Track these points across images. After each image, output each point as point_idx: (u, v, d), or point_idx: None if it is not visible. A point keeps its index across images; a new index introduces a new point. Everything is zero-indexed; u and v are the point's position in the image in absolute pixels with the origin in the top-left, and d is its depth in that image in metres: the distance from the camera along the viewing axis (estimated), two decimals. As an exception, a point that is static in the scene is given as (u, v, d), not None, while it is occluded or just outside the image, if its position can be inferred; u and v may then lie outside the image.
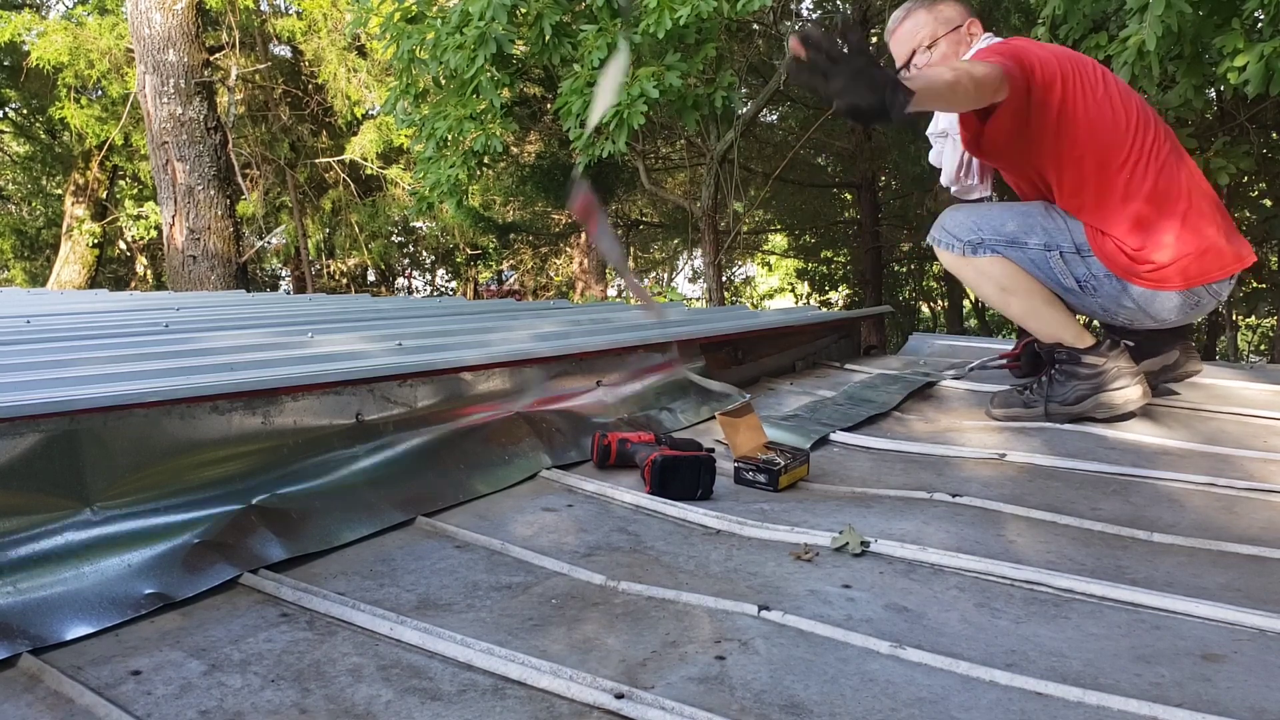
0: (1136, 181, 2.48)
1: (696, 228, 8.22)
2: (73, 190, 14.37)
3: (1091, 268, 2.57)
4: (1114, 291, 2.58)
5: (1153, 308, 2.58)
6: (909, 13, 2.82)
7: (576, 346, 2.58)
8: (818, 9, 11.63)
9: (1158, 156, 2.49)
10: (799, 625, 1.36)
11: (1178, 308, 2.57)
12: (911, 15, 2.81)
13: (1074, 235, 2.58)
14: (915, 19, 2.80)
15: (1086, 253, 2.56)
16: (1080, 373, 2.64)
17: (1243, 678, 1.21)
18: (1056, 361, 2.69)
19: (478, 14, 5.35)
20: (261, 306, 4.20)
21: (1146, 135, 2.49)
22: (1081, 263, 2.58)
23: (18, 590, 1.30)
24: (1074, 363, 2.65)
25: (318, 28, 11.44)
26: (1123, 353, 2.64)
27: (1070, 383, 2.65)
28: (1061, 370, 2.68)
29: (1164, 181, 2.48)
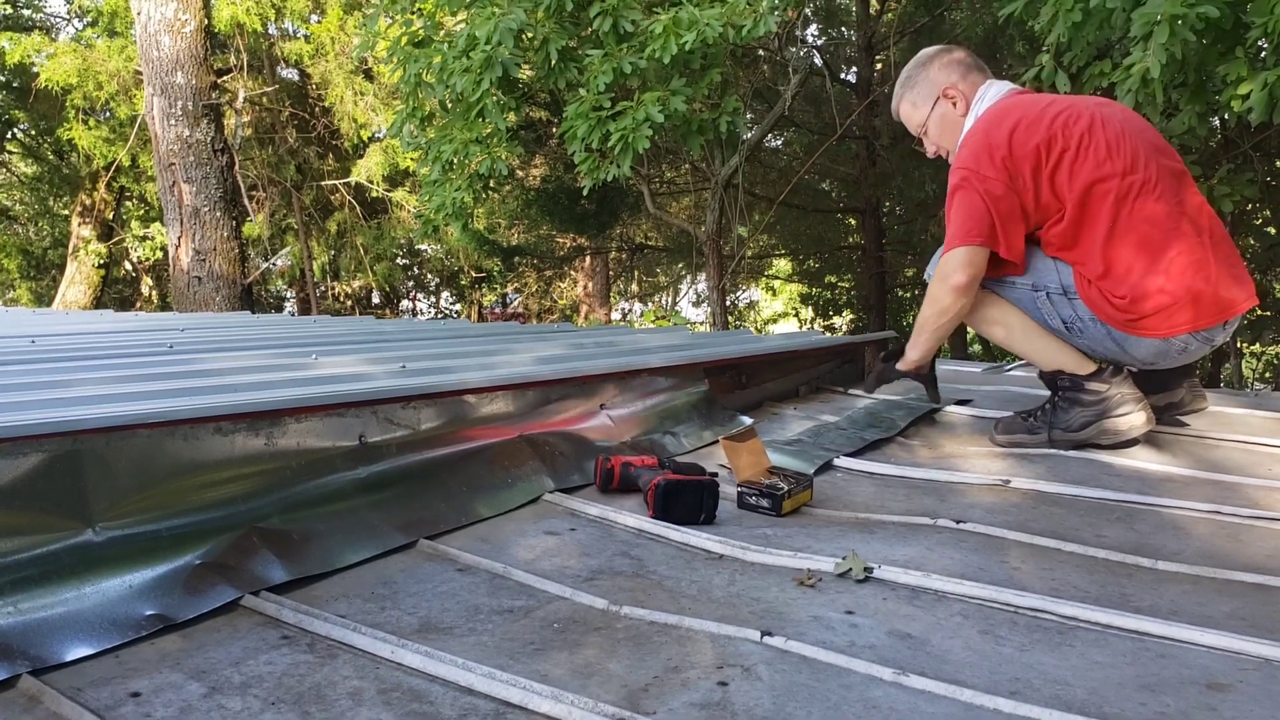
0: (1121, 229, 2.48)
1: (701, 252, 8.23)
2: (79, 211, 14.45)
3: (1077, 310, 2.59)
4: (1100, 335, 2.59)
5: (1138, 352, 2.59)
6: (898, 102, 2.91)
7: (580, 370, 2.58)
8: (822, 36, 11.70)
9: (1148, 198, 2.48)
10: (802, 651, 1.35)
11: (1163, 354, 2.59)
12: (900, 105, 2.90)
13: (1061, 277, 2.60)
14: (902, 110, 2.90)
15: (1073, 295, 2.58)
16: (1083, 399, 2.64)
17: (1248, 707, 1.21)
18: (1059, 389, 2.69)
19: (484, 38, 5.38)
20: (266, 328, 4.21)
21: (1135, 177, 2.48)
22: (1068, 304, 2.60)
23: (18, 610, 1.30)
24: (1077, 389, 2.65)
25: (325, 51, 11.52)
26: (1126, 379, 2.63)
27: (1074, 409, 2.65)
28: (1064, 397, 2.67)
29: (1152, 227, 2.48)
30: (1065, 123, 2.52)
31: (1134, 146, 2.53)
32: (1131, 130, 2.56)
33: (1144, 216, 2.49)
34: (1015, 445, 2.71)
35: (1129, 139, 2.54)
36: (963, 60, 2.80)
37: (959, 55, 2.82)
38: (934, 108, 2.80)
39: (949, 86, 2.77)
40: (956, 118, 2.76)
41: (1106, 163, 2.48)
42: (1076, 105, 2.58)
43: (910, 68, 2.86)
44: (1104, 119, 2.55)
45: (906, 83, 2.86)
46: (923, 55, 2.87)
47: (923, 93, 2.82)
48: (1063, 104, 2.59)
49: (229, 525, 1.60)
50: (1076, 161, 2.49)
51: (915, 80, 2.83)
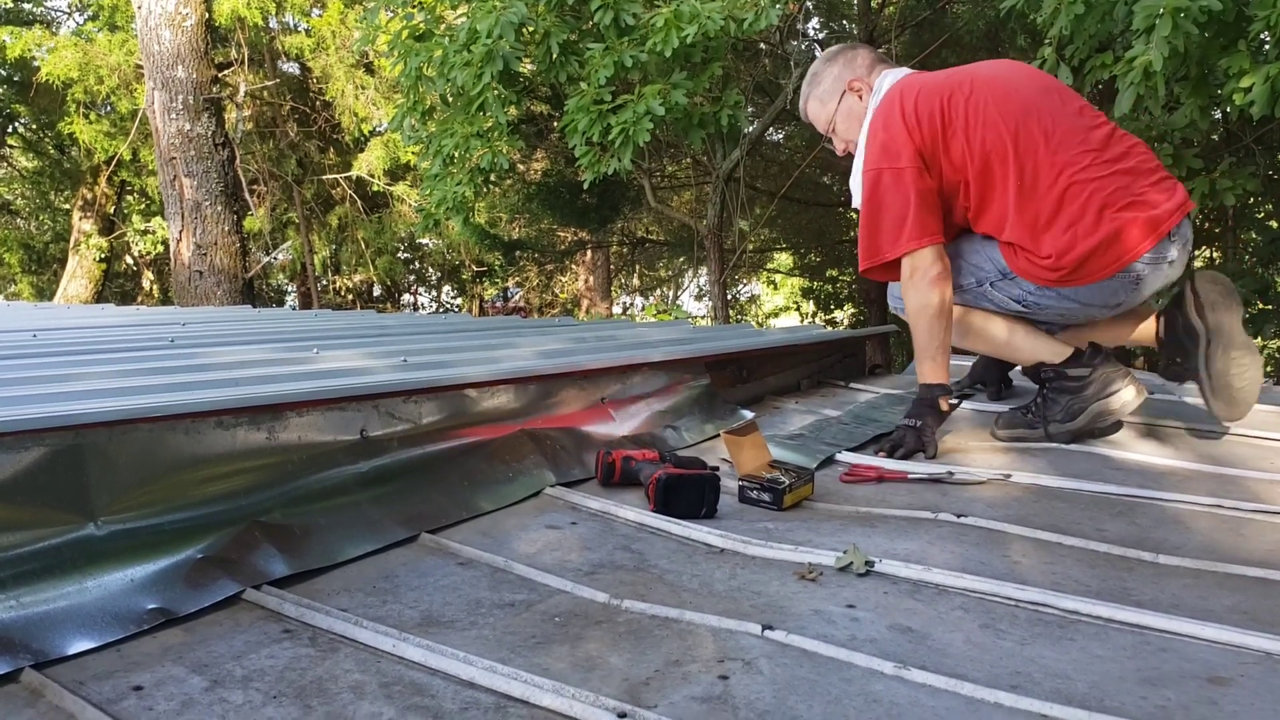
0: (1026, 188, 2.47)
1: (702, 246, 8.23)
2: (80, 205, 14.44)
3: (1022, 286, 2.58)
4: (1053, 300, 2.57)
5: (1097, 299, 2.56)
6: (805, 100, 2.88)
7: (581, 364, 2.58)
8: (824, 29, 11.67)
9: (1045, 149, 2.45)
10: (803, 645, 1.35)
11: (1118, 291, 2.53)
12: (807, 105, 2.88)
13: (995, 262, 2.60)
14: (810, 109, 2.87)
15: (1010, 274, 2.58)
16: (1069, 387, 2.63)
17: (1249, 701, 1.21)
18: (1044, 381, 2.68)
19: (485, 32, 5.38)
20: (267, 322, 4.21)
21: (1030, 131, 2.46)
22: (1013, 284, 2.59)
23: (21, 604, 1.30)
24: (1061, 379, 2.64)
25: (326, 45, 11.50)
26: (1107, 358, 2.62)
27: (1062, 399, 2.63)
28: (1051, 389, 2.67)
29: (1056, 176, 2.44)
30: (950, 94, 2.52)
31: (1024, 99, 2.51)
32: (1018, 80, 2.57)
33: (1046, 168, 2.45)
34: (1016, 440, 2.71)
35: (1017, 94, 2.52)
36: (866, 56, 2.80)
37: (863, 51, 2.83)
38: (840, 102, 2.79)
39: (854, 79, 2.76)
40: (862, 110, 2.74)
41: (999, 123, 2.47)
42: (958, 74, 2.59)
43: (815, 65, 2.85)
44: (987, 79, 2.55)
45: (812, 80, 2.85)
46: (827, 53, 2.86)
47: (828, 88, 2.81)
48: (945, 76, 2.60)
49: (231, 519, 1.61)
50: (969, 128, 2.48)
51: (820, 77, 2.82)
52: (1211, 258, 9.78)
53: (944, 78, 2.59)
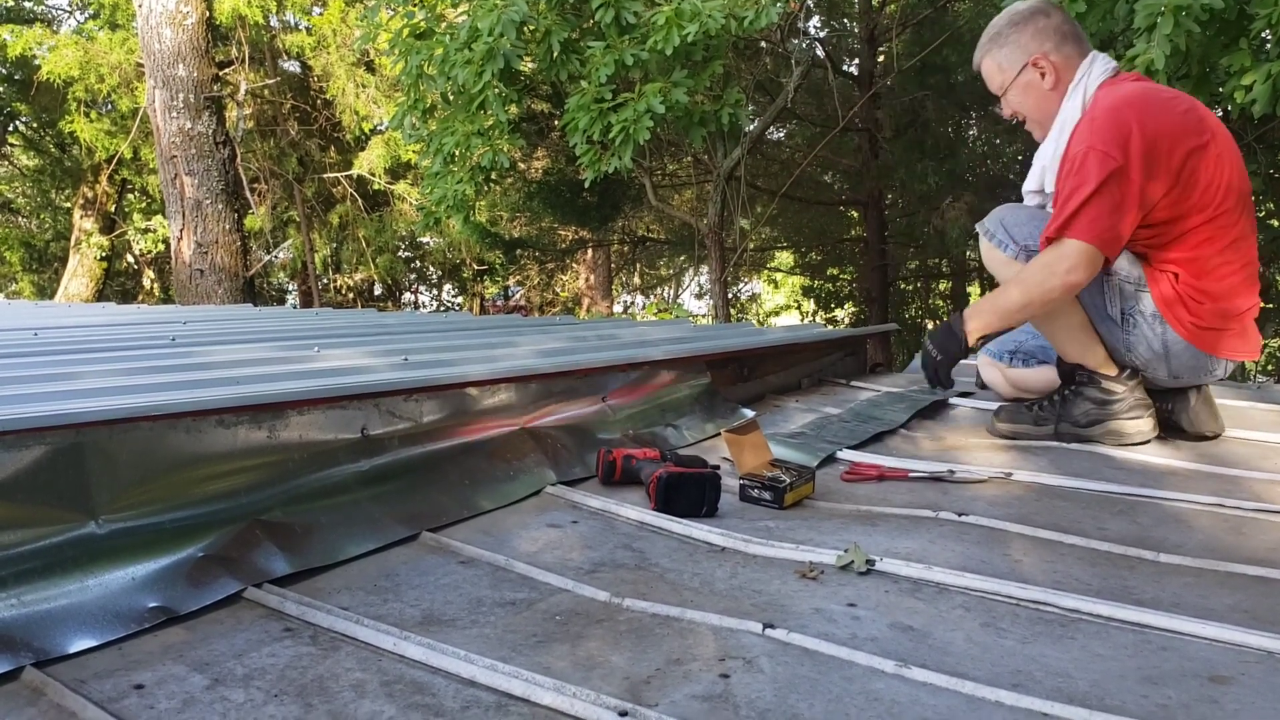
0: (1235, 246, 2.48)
1: (703, 244, 8.23)
2: (81, 204, 14.45)
3: (1142, 303, 2.54)
4: (1151, 334, 2.55)
5: (1175, 357, 2.57)
6: (981, 55, 2.71)
7: (582, 362, 2.58)
8: (825, 27, 11.67)
9: (1246, 223, 2.50)
10: (804, 644, 1.35)
11: (1197, 370, 2.60)
12: (983, 61, 2.70)
13: (1133, 269, 2.55)
14: (985, 66, 2.70)
15: (1142, 287, 2.54)
16: (1097, 396, 2.62)
17: (1250, 700, 1.21)
18: (1075, 382, 2.67)
19: (486, 30, 5.38)
20: (268, 321, 4.22)
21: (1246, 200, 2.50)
22: (1133, 295, 2.55)
23: (21, 603, 1.30)
24: (1093, 385, 2.63)
25: (327, 43, 11.50)
26: (1140, 384, 2.63)
27: (1084, 405, 2.63)
28: (1077, 391, 2.65)
29: (1244, 251, 2.50)
30: (1199, 119, 2.45)
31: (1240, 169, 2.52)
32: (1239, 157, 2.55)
33: (1249, 242, 2.52)
34: (1018, 435, 2.70)
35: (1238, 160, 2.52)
36: (1059, 28, 2.59)
37: (1056, 21, 2.60)
38: (1019, 75, 2.61)
39: (1040, 56, 2.57)
40: (1044, 91, 2.59)
41: (1235, 174, 2.46)
42: (1201, 108, 2.51)
43: (1002, 24, 2.64)
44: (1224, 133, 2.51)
45: (996, 40, 2.65)
46: (1017, 12, 2.64)
47: (1011, 55, 2.61)
48: (1190, 102, 2.51)
49: (232, 517, 1.61)
50: (1218, 163, 2.43)
51: (1005, 39, 2.62)
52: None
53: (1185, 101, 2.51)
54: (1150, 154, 2.35)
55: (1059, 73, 2.57)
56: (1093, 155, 2.37)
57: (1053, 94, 2.58)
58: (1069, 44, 2.58)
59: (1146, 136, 2.35)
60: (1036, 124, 2.66)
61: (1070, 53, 2.57)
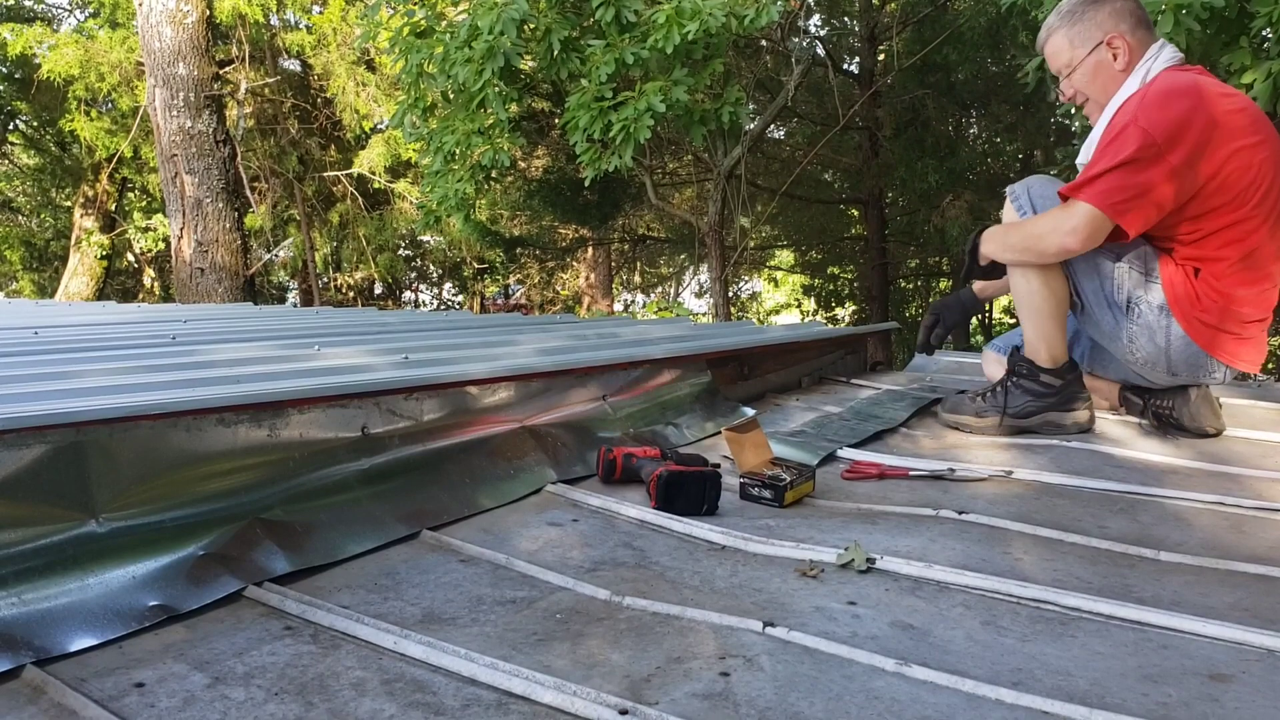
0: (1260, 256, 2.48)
1: (703, 243, 8.23)
2: (82, 202, 14.45)
3: (1150, 293, 2.55)
4: (1155, 326, 2.56)
5: (1175, 352, 2.58)
6: (1050, 32, 2.66)
7: (583, 361, 2.58)
8: (825, 26, 11.67)
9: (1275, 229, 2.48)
10: (804, 642, 1.35)
11: (1196, 369, 2.61)
12: (1052, 36, 2.66)
13: (1148, 259, 2.55)
14: (1054, 42, 2.65)
15: (1154, 278, 2.54)
16: (1034, 389, 2.70)
17: (1251, 698, 1.21)
18: (1015, 374, 2.72)
19: (486, 28, 5.38)
20: (268, 319, 4.21)
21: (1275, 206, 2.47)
22: (1143, 284, 2.55)
23: (22, 601, 1.30)
24: (1032, 379, 2.69)
25: (327, 42, 11.50)
26: (1079, 377, 2.71)
27: (1024, 397, 2.70)
28: (1018, 384, 2.72)
29: (1269, 259, 2.49)
30: (1252, 120, 2.43)
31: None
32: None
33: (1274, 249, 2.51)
34: (960, 426, 2.75)
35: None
36: (1134, 10, 2.57)
37: (1132, 4, 2.58)
38: (1092, 53, 2.57)
39: (1115, 35, 2.54)
40: (1115, 72, 2.55)
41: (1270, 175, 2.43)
42: (1255, 109, 2.49)
43: (1077, 2, 2.61)
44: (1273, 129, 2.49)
45: (1070, 17, 2.61)
46: None
47: (1086, 32, 2.57)
48: (1245, 100, 2.48)
49: (232, 516, 1.61)
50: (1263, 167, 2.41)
51: (1081, 16, 2.58)
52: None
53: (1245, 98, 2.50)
54: (1195, 144, 2.35)
55: (1131, 54, 2.54)
56: (1133, 129, 2.37)
57: (1121, 75, 2.55)
58: (1143, 28, 2.57)
59: (1195, 126, 2.35)
60: (1098, 106, 2.61)
61: (1144, 36, 2.56)
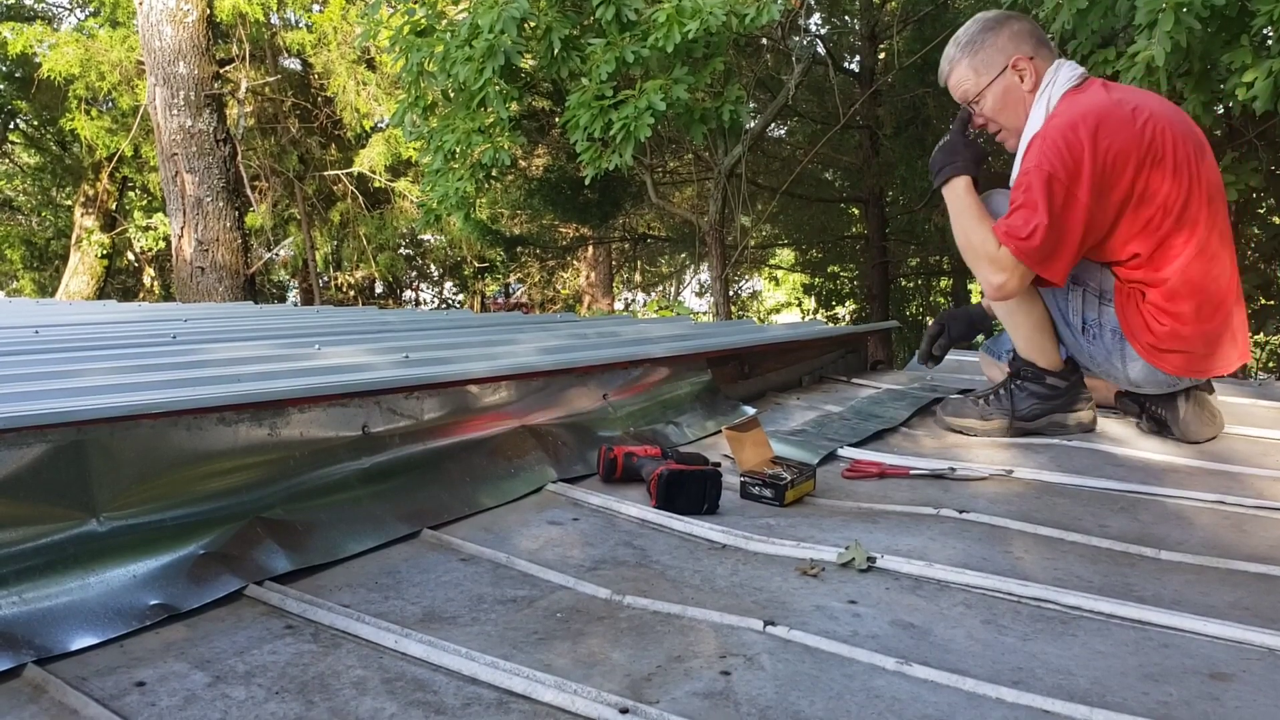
0: (1205, 255, 2.45)
1: (704, 242, 8.22)
2: (82, 201, 14.45)
3: (1104, 317, 2.58)
4: (1111, 347, 2.60)
5: (1135, 374, 2.61)
6: (953, 64, 2.64)
7: (583, 360, 2.58)
8: (826, 24, 11.66)
9: (1209, 240, 2.44)
10: (805, 641, 1.35)
11: (1155, 383, 2.62)
12: (955, 69, 2.64)
13: (1102, 281, 2.56)
14: (958, 73, 2.63)
15: (1107, 300, 2.56)
16: (1040, 391, 2.70)
17: (1251, 697, 1.21)
18: (1021, 376, 2.73)
19: (487, 26, 5.37)
20: (269, 318, 4.21)
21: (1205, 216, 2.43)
22: (1097, 308, 2.58)
23: (23, 600, 1.30)
24: (1038, 381, 2.70)
25: (327, 41, 11.49)
26: (1082, 378, 2.73)
27: (1030, 399, 2.71)
28: (1023, 386, 2.72)
29: (1213, 272, 2.46)
30: (1160, 142, 2.38)
31: (1212, 172, 2.49)
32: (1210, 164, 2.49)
33: (1218, 261, 2.48)
34: (964, 430, 2.74)
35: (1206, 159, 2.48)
36: (1033, 31, 2.57)
37: (1029, 25, 2.59)
38: (997, 78, 2.55)
39: (1019, 58, 2.52)
40: (1024, 94, 2.54)
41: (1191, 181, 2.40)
42: (1161, 120, 2.42)
43: (975, 30, 2.59)
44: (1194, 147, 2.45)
45: (970, 46, 2.58)
46: (990, 18, 2.61)
47: (990, 59, 2.55)
48: (1148, 114, 2.41)
49: (233, 515, 1.61)
50: (1175, 176, 2.38)
51: (982, 44, 2.56)
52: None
53: (1143, 110, 2.42)
54: (1102, 174, 2.35)
55: (1037, 74, 2.53)
56: (1038, 175, 2.38)
57: (1030, 96, 2.54)
58: (1044, 47, 2.57)
59: (1098, 156, 2.34)
60: (1011, 132, 2.61)
61: (1045, 55, 2.56)
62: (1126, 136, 2.36)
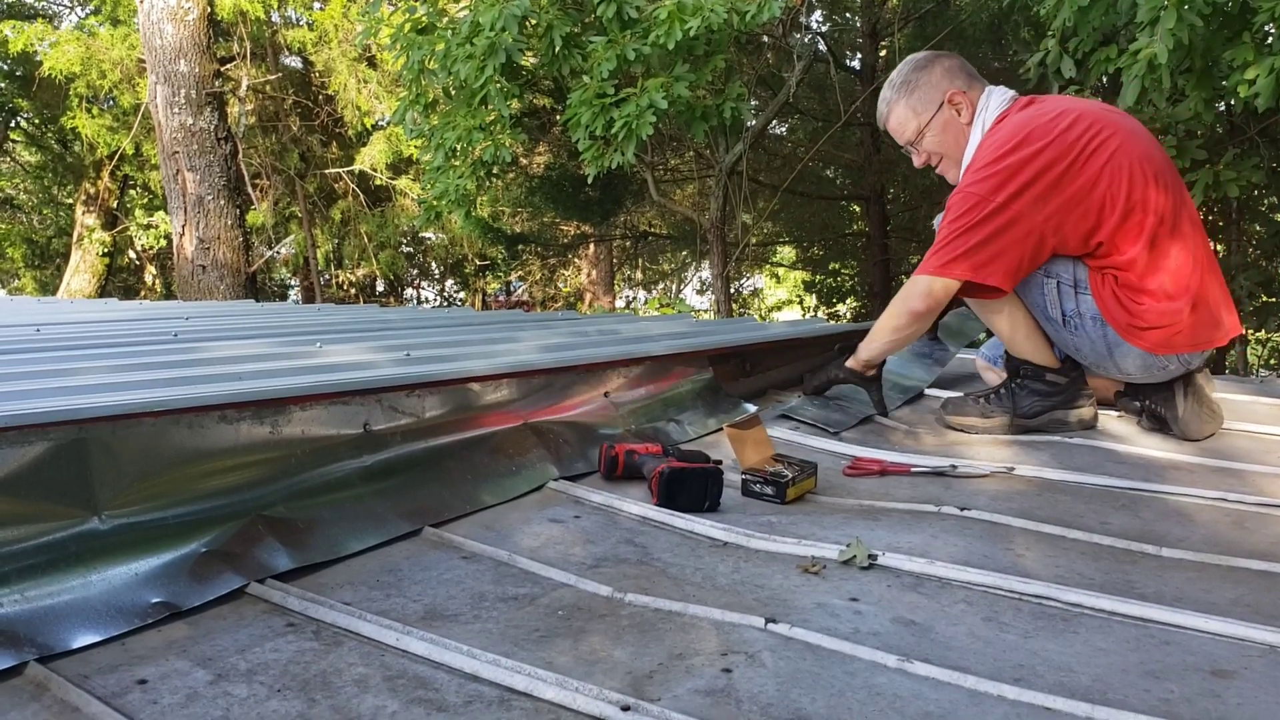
0: (1164, 233, 2.48)
1: (705, 239, 8.23)
2: (83, 199, 14.45)
3: (1082, 305, 2.58)
4: (1094, 335, 2.60)
5: (1124, 362, 2.62)
6: (890, 106, 2.74)
7: (584, 358, 2.58)
8: (827, 22, 11.66)
9: (1173, 221, 2.49)
10: (806, 638, 1.35)
11: (1144, 366, 2.61)
12: (893, 111, 2.74)
13: (1075, 270, 2.58)
14: (896, 115, 2.73)
15: (1083, 289, 2.58)
16: (1042, 389, 2.72)
17: (1252, 694, 1.21)
18: (1021, 375, 2.75)
19: (488, 24, 5.38)
20: (270, 316, 4.21)
21: (1165, 200, 2.48)
22: (1074, 298, 2.59)
23: (25, 599, 1.30)
24: (1038, 379, 2.72)
25: (328, 39, 11.49)
26: (1082, 374, 2.74)
27: (1031, 398, 2.72)
28: (1023, 385, 2.74)
29: (1179, 247, 2.50)
30: (1093, 135, 2.46)
31: (1161, 160, 2.54)
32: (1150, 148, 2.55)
33: (1184, 237, 2.52)
34: (966, 428, 2.75)
35: (1155, 150, 2.55)
36: (962, 66, 2.70)
37: (958, 61, 2.72)
38: (936, 115, 2.66)
39: (955, 92, 2.64)
40: (962, 125, 2.65)
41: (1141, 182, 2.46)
42: (1089, 117, 2.50)
43: (908, 71, 2.71)
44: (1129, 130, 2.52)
45: (905, 87, 2.70)
46: (919, 59, 2.74)
47: (927, 96, 2.67)
48: (1075, 115, 2.50)
49: (234, 513, 1.61)
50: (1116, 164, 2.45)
51: (916, 84, 2.68)
52: (1215, 250, 9.75)
53: (1074, 116, 2.50)
54: (1037, 185, 2.44)
55: (973, 106, 2.65)
56: (967, 197, 2.50)
57: (968, 128, 2.65)
58: (975, 80, 2.69)
59: (1032, 170, 2.44)
60: (953, 163, 2.71)
61: (976, 86, 2.67)
62: (1056, 140, 2.46)
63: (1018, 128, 2.51)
